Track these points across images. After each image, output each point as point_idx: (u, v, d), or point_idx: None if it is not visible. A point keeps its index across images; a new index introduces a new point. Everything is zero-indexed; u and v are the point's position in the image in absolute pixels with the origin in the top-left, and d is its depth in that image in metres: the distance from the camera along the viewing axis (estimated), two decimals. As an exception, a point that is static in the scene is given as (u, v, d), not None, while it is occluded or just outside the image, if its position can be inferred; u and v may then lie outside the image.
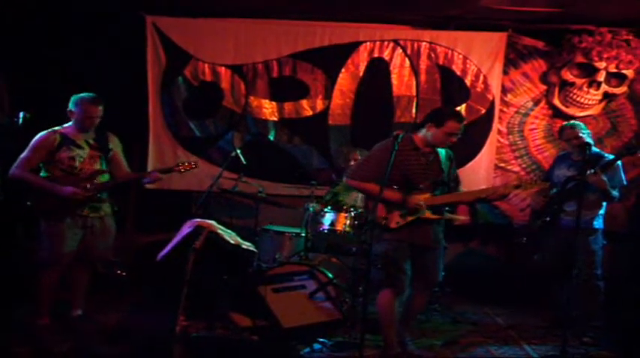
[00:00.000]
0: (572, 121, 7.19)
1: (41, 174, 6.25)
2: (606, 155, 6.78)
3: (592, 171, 6.27)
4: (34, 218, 6.29)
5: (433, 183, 5.72)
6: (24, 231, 6.77)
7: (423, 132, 5.77)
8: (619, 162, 6.60)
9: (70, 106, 6.26)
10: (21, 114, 6.08)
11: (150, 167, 8.51)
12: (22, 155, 6.27)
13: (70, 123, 6.31)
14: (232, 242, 5.63)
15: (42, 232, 6.26)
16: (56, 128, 6.31)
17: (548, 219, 6.77)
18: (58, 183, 6.17)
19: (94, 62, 8.05)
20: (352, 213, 7.18)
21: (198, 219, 5.64)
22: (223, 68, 8.51)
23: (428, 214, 5.67)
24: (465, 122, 5.78)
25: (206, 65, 8.49)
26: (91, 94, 6.28)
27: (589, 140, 6.61)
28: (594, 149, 6.62)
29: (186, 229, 5.54)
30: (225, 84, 8.54)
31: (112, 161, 6.47)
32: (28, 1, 7.75)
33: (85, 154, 6.28)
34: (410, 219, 5.68)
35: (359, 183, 5.88)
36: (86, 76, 7.91)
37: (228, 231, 5.72)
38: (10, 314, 6.44)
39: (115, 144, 6.51)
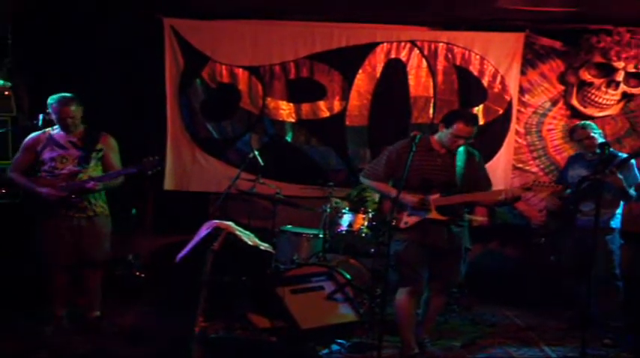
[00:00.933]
0: (583, 122, 7.14)
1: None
2: (620, 154, 6.75)
3: (607, 170, 6.23)
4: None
5: (445, 184, 5.71)
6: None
7: (438, 134, 5.78)
8: (633, 161, 6.56)
9: (48, 108, 6.30)
10: (40, 116, 6.12)
11: (168, 169, 8.58)
12: (15, 157, 6.39)
13: None
14: (250, 243, 5.63)
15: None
16: (47, 129, 6.34)
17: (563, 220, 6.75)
18: (40, 184, 6.19)
19: (114, 64, 8.09)
20: (370, 214, 7.19)
21: (217, 221, 5.65)
22: (241, 70, 8.53)
23: (435, 215, 5.66)
24: (477, 124, 5.76)
25: (223, 67, 8.52)
26: (63, 94, 6.22)
27: (602, 140, 6.59)
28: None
29: (204, 230, 5.55)
30: (242, 85, 8.57)
31: (103, 162, 6.37)
32: (46, 4, 7.80)
33: (68, 155, 6.25)
34: (417, 219, 5.67)
35: (372, 182, 5.96)
36: (105, 77, 7.97)
37: (247, 232, 5.71)
38: (28, 316, 6.46)
39: (106, 145, 6.38)
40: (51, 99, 6.22)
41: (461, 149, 5.79)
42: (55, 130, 6.28)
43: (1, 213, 6.91)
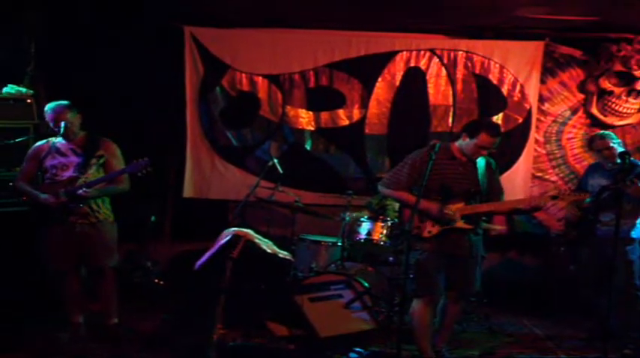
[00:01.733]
0: (602, 131, 7.09)
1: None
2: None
3: (628, 180, 6.18)
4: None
5: (468, 193, 5.71)
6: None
7: (459, 142, 5.78)
8: None
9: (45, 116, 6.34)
10: (62, 124, 6.13)
11: (187, 176, 8.63)
12: (21, 166, 6.48)
13: None
14: (269, 251, 5.65)
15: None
16: (51, 138, 6.39)
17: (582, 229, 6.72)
18: (42, 191, 6.22)
19: (135, 72, 8.11)
20: (389, 223, 7.19)
21: (236, 228, 5.67)
22: (260, 78, 8.57)
23: (460, 223, 5.66)
24: (500, 134, 5.74)
25: (243, 75, 8.56)
26: (59, 102, 6.27)
27: (622, 149, 6.56)
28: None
29: (223, 238, 5.57)
30: (262, 93, 8.60)
31: (105, 169, 6.32)
32: (69, 13, 7.86)
33: (68, 162, 6.27)
34: (442, 228, 5.68)
35: (392, 192, 5.95)
36: (126, 85, 8.01)
37: (265, 240, 5.73)
38: (44, 323, 6.49)
39: (108, 152, 6.33)
40: (47, 108, 6.27)
41: (481, 158, 5.80)
42: (58, 139, 6.32)
43: (16, 220, 6.95)
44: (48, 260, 6.31)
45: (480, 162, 5.81)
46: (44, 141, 6.41)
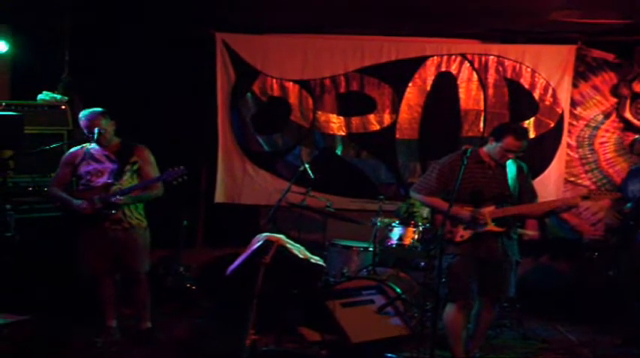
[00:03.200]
0: None
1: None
2: None
3: None
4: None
5: (498, 196, 5.71)
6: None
7: (487, 146, 5.79)
8: None
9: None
10: (96, 130, 6.19)
11: (219, 182, 8.67)
12: (55, 172, 6.55)
13: None
14: (301, 256, 5.65)
15: None
16: (86, 144, 6.44)
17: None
18: (76, 197, 6.28)
19: (166, 78, 8.19)
20: (420, 228, 7.18)
21: (268, 233, 5.69)
22: (291, 83, 8.60)
23: (492, 227, 5.66)
24: (527, 138, 5.75)
25: (274, 81, 8.59)
26: (93, 109, 6.30)
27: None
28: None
29: (255, 243, 5.58)
30: (293, 99, 8.63)
31: (139, 175, 6.38)
32: (101, 20, 7.94)
33: (103, 168, 6.32)
34: (473, 232, 5.67)
35: (423, 197, 5.98)
36: (157, 91, 8.08)
37: (297, 245, 5.74)
38: (82, 327, 6.54)
39: (141, 158, 6.40)
40: (81, 114, 6.32)
41: (510, 161, 5.77)
42: (92, 145, 6.37)
43: (56, 225, 7.03)
44: (83, 264, 6.38)
45: (511, 165, 5.80)
46: (79, 147, 6.46)
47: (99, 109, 6.32)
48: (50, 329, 6.12)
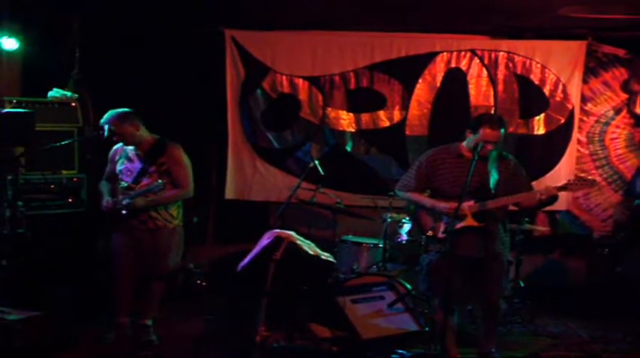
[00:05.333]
0: None
1: None
2: None
3: None
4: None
5: (477, 191, 5.63)
6: (104, 245, 6.86)
7: (465, 140, 5.76)
8: None
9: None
10: (106, 127, 6.21)
11: (229, 178, 8.67)
12: None
13: None
14: (311, 253, 5.68)
15: None
16: None
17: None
18: (115, 195, 6.34)
19: (175, 75, 8.21)
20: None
21: (278, 230, 5.70)
22: (301, 80, 8.60)
23: (471, 222, 5.62)
24: (503, 127, 5.66)
25: (284, 77, 8.60)
26: (117, 110, 6.25)
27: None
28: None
29: (265, 240, 5.60)
30: (302, 95, 8.63)
31: (169, 176, 6.26)
32: (111, 18, 7.96)
33: (132, 168, 6.31)
34: (456, 227, 5.59)
35: (404, 194, 6.03)
36: (167, 88, 8.10)
37: (307, 241, 5.76)
38: (94, 324, 6.57)
39: (170, 158, 6.28)
40: (103, 119, 6.26)
41: (493, 154, 5.72)
42: None
43: (68, 221, 7.06)
44: (108, 260, 6.44)
45: (495, 159, 5.75)
46: (120, 144, 6.43)
47: (120, 111, 6.26)
48: (61, 325, 6.14)
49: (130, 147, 6.34)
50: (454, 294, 5.65)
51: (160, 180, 6.10)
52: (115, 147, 6.49)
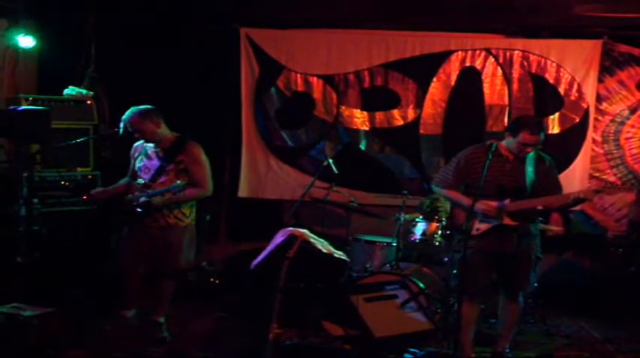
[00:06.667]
0: None
1: None
2: None
3: None
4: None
5: (514, 190, 5.69)
6: (117, 242, 6.89)
7: (505, 141, 5.81)
8: None
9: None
10: (122, 125, 6.23)
11: (242, 176, 8.69)
12: None
13: None
14: (325, 251, 5.66)
15: None
16: None
17: None
18: (130, 192, 6.35)
19: (191, 73, 8.24)
20: (444, 223, 7.17)
21: (291, 228, 5.71)
22: (315, 78, 8.61)
23: (507, 221, 5.67)
24: (543, 131, 5.72)
25: (298, 75, 8.61)
26: (138, 108, 6.24)
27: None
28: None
29: (279, 238, 5.60)
30: (317, 94, 8.64)
31: (188, 175, 6.23)
32: (126, 15, 8.00)
33: (150, 165, 6.30)
34: (489, 225, 5.68)
35: (442, 190, 6.05)
36: (182, 86, 8.12)
37: (321, 239, 5.75)
38: (106, 322, 6.60)
39: (188, 157, 6.26)
40: (125, 116, 6.25)
41: (531, 154, 5.77)
42: None
43: (82, 218, 7.10)
44: (119, 256, 6.47)
45: (532, 159, 5.79)
46: (141, 141, 6.43)
47: (142, 107, 6.24)
48: (75, 322, 6.17)
49: (150, 145, 6.34)
50: (483, 290, 5.78)
51: (179, 181, 6.06)
52: (136, 144, 6.49)
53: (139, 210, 6.19)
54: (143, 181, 6.29)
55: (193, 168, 6.26)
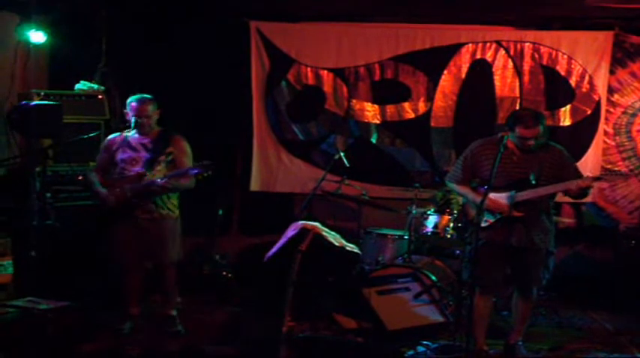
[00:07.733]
0: None
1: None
2: None
3: None
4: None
5: (519, 182, 5.70)
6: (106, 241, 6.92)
7: (510, 134, 5.78)
8: None
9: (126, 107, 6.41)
10: (133, 119, 6.25)
11: (254, 170, 8.68)
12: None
13: None
14: (337, 244, 5.69)
15: None
16: (125, 131, 6.45)
17: None
18: (107, 184, 6.34)
19: (202, 67, 8.25)
20: (456, 215, 7.18)
21: (303, 221, 5.72)
22: (326, 72, 8.59)
23: (513, 212, 5.67)
24: (539, 122, 5.68)
25: (309, 69, 8.59)
26: (143, 95, 6.32)
27: None
28: None
29: (291, 231, 5.63)
30: (327, 87, 8.62)
31: (175, 166, 6.29)
32: (137, 10, 8.02)
33: (138, 157, 6.31)
34: (497, 217, 5.73)
35: (455, 186, 6.10)
36: (193, 80, 8.14)
37: (333, 233, 5.78)
38: (111, 315, 6.61)
39: (177, 149, 6.34)
40: (130, 99, 6.32)
41: (538, 145, 5.76)
42: (131, 132, 6.38)
43: (94, 213, 7.11)
44: (112, 253, 6.45)
45: (542, 150, 5.78)
46: (118, 133, 6.48)
47: (148, 96, 6.34)
48: (88, 316, 6.19)
49: (134, 136, 6.36)
50: (495, 282, 5.81)
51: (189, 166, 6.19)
52: (110, 136, 6.51)
53: (135, 201, 6.22)
54: (135, 172, 6.25)
55: (183, 160, 6.33)
